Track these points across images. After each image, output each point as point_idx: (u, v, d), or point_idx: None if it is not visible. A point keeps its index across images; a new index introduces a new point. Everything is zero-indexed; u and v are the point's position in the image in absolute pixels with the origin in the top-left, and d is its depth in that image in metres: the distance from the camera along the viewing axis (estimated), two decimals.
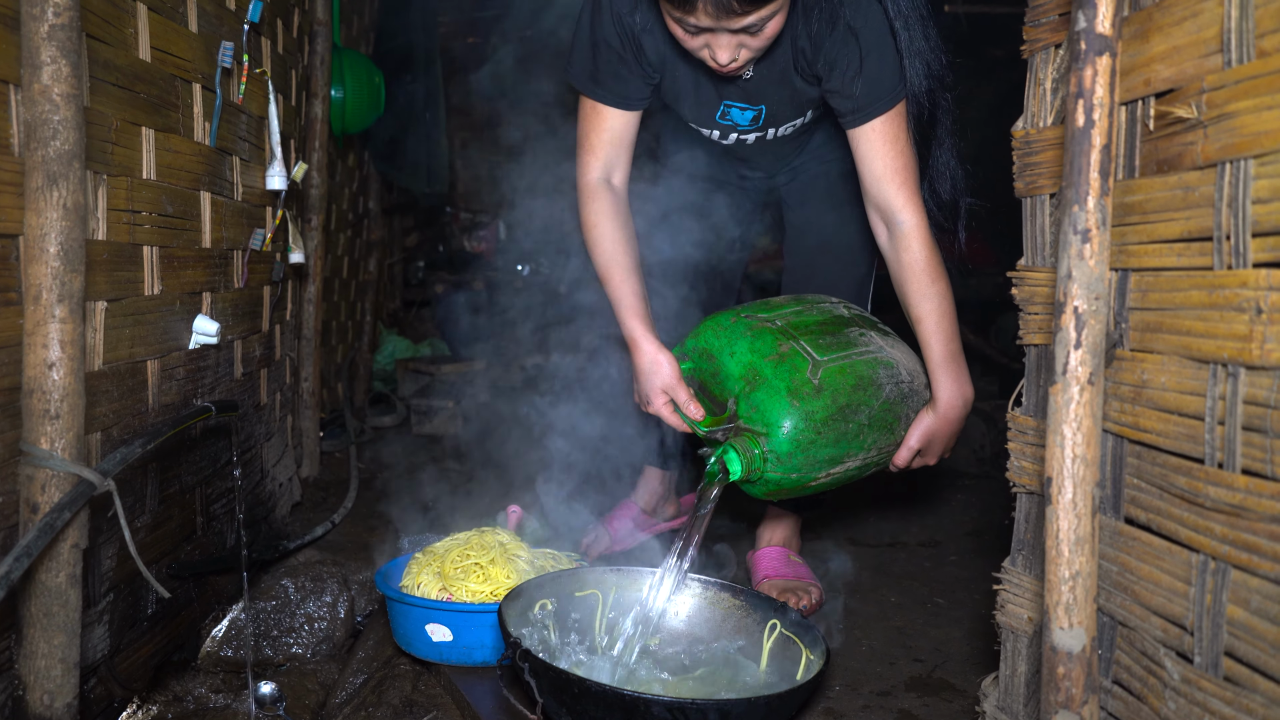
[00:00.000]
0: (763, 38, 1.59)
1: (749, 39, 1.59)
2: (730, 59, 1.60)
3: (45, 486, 1.17)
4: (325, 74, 2.87)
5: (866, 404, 1.66)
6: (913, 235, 1.72)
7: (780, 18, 1.57)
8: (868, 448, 1.68)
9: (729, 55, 1.60)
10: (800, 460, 1.61)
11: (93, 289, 1.34)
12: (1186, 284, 0.88)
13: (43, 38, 1.13)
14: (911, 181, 1.72)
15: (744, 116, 1.89)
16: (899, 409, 1.72)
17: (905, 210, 1.71)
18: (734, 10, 1.51)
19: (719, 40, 1.58)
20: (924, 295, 1.72)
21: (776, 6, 1.54)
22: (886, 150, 1.71)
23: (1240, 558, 0.81)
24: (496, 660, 1.64)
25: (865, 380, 1.68)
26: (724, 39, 1.58)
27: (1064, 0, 1.09)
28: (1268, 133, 0.78)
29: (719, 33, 1.57)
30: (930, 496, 3.00)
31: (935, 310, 1.71)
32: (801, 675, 1.48)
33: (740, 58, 1.62)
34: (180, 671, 1.68)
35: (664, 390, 1.76)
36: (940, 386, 1.70)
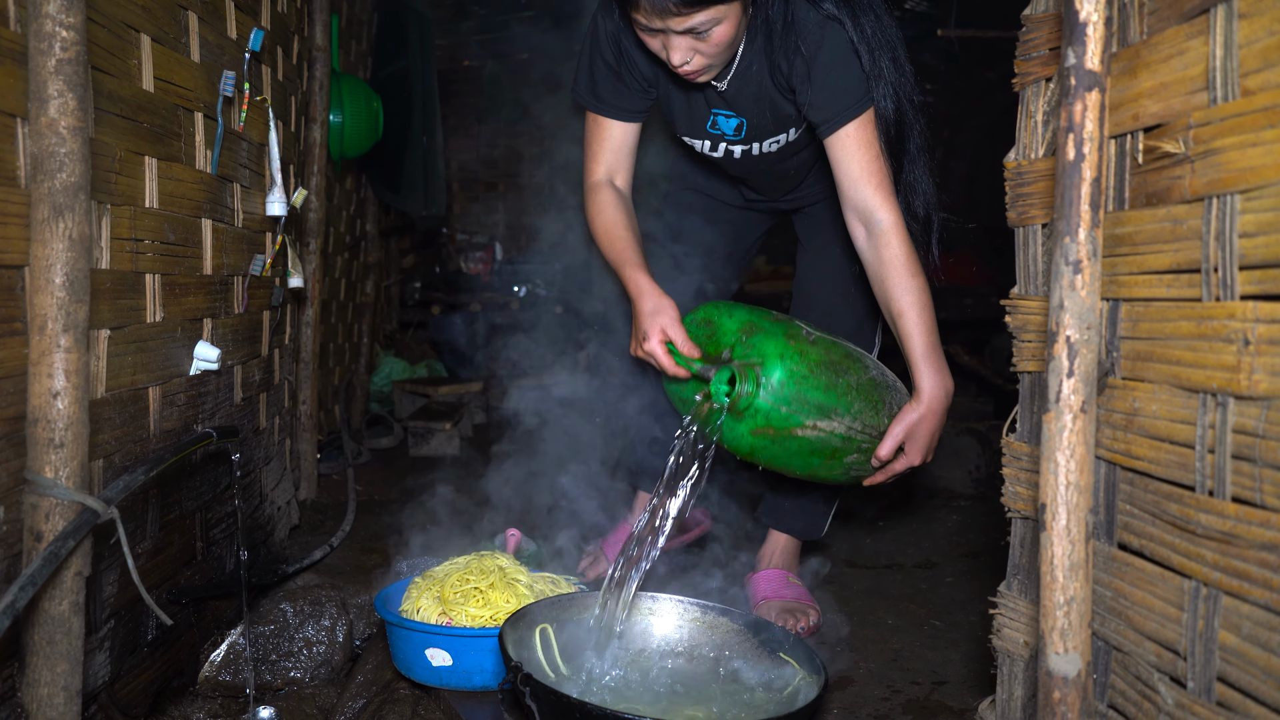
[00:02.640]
0: (712, 43, 1.67)
1: (699, 43, 1.67)
2: (682, 60, 1.69)
3: (49, 515, 1.18)
4: (324, 99, 2.89)
5: (855, 371, 1.75)
6: (891, 232, 1.77)
7: (729, 26, 1.65)
8: (855, 414, 1.73)
9: (680, 56, 1.68)
10: (791, 392, 1.67)
11: (96, 317, 1.35)
12: (1176, 315, 0.90)
13: (50, 71, 1.14)
14: (887, 183, 1.78)
15: (729, 125, 1.95)
16: (884, 394, 1.79)
17: (882, 209, 1.77)
18: (670, 11, 1.60)
19: (671, 42, 1.67)
20: (904, 289, 1.75)
21: (718, 13, 1.62)
22: (860, 154, 1.77)
23: (1231, 584, 0.82)
24: (497, 685, 1.65)
25: (854, 355, 1.79)
26: (675, 40, 1.66)
27: (1054, 36, 1.12)
28: (1253, 169, 0.80)
29: (669, 34, 1.66)
30: (926, 517, 3.01)
31: (915, 304, 1.75)
32: (799, 699, 1.49)
33: (695, 62, 1.70)
34: (179, 697, 1.69)
35: (663, 329, 1.81)
36: (922, 377, 1.74)
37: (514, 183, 6.62)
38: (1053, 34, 1.12)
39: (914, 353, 1.74)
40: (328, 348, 3.65)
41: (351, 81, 3.34)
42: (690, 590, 1.95)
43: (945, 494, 3.31)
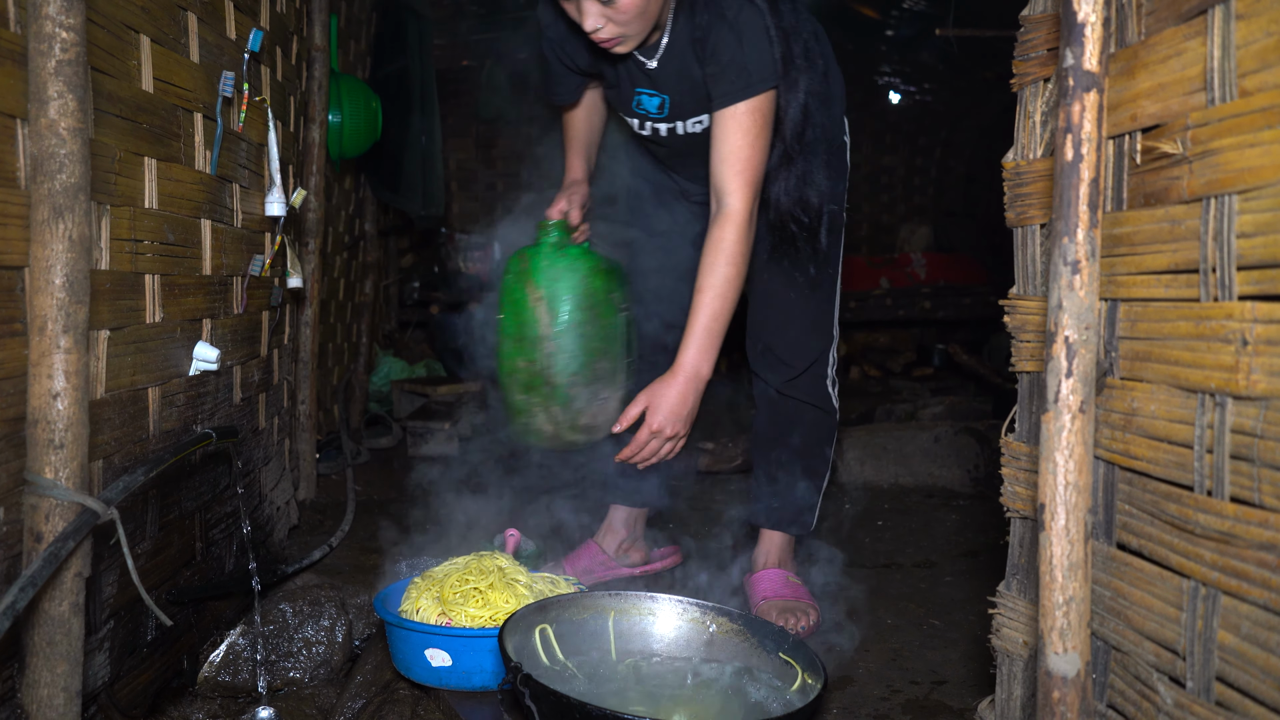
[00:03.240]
0: (619, 10, 1.74)
1: (609, 10, 1.75)
2: (594, 27, 1.77)
3: (49, 515, 1.18)
4: (323, 99, 2.89)
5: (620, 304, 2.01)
6: (730, 219, 1.83)
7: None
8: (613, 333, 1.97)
9: (592, 23, 1.77)
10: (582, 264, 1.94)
11: (96, 318, 1.35)
12: (1174, 315, 0.90)
13: (50, 73, 1.14)
14: (748, 172, 1.83)
15: (652, 103, 2.03)
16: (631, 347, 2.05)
17: (734, 195, 1.83)
18: None
19: (583, 7, 1.76)
20: (712, 271, 1.83)
21: None
22: (735, 137, 1.83)
23: (1230, 584, 0.83)
24: (496, 685, 1.65)
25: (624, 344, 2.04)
26: (587, 6, 1.75)
27: (1052, 36, 1.12)
28: (1251, 169, 0.80)
29: (579, 2, 1.75)
30: (925, 517, 3.01)
31: (714, 288, 1.83)
32: (799, 699, 1.49)
33: (607, 29, 1.78)
34: (178, 697, 1.69)
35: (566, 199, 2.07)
36: (684, 352, 1.82)
37: (513, 182, 6.63)
38: (1051, 34, 1.13)
39: (690, 328, 1.83)
40: (326, 348, 3.65)
41: (350, 81, 3.34)
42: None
43: (944, 493, 3.32)
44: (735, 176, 1.83)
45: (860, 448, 3.50)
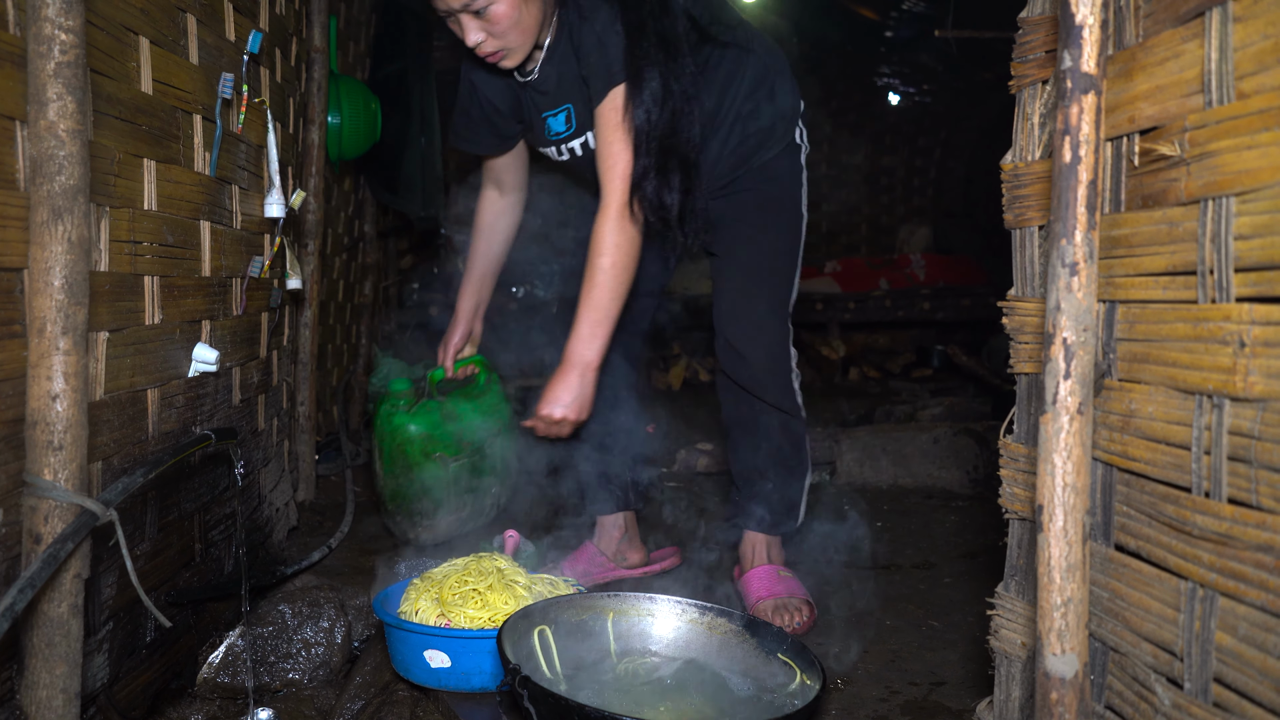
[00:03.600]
0: (494, 22, 1.84)
1: (485, 23, 1.84)
2: (475, 40, 1.87)
3: (48, 517, 1.18)
4: (322, 101, 2.89)
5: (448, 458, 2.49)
6: (603, 213, 1.89)
7: (507, 6, 1.82)
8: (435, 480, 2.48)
9: (472, 37, 1.87)
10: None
11: (95, 320, 1.35)
12: (1172, 316, 0.90)
13: (49, 75, 1.14)
14: (611, 168, 1.89)
15: (558, 122, 2.09)
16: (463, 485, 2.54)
17: (605, 189, 1.90)
18: None
19: (461, 23, 1.85)
20: (589, 263, 1.90)
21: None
22: (600, 134, 1.91)
23: (1228, 585, 0.83)
24: (495, 686, 1.65)
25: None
26: (464, 20, 1.85)
27: (1050, 38, 1.12)
28: (1248, 171, 0.80)
29: (458, 15, 1.84)
30: (924, 518, 3.01)
31: (591, 278, 1.89)
32: (797, 701, 1.49)
33: (488, 43, 1.88)
34: (177, 698, 1.69)
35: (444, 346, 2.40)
36: (568, 342, 1.91)
37: None
38: (1049, 36, 1.13)
39: (575, 320, 1.91)
40: (326, 349, 3.65)
41: (349, 83, 3.34)
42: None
43: (943, 494, 3.32)
44: (606, 171, 1.89)
45: (859, 449, 3.50)
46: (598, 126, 1.91)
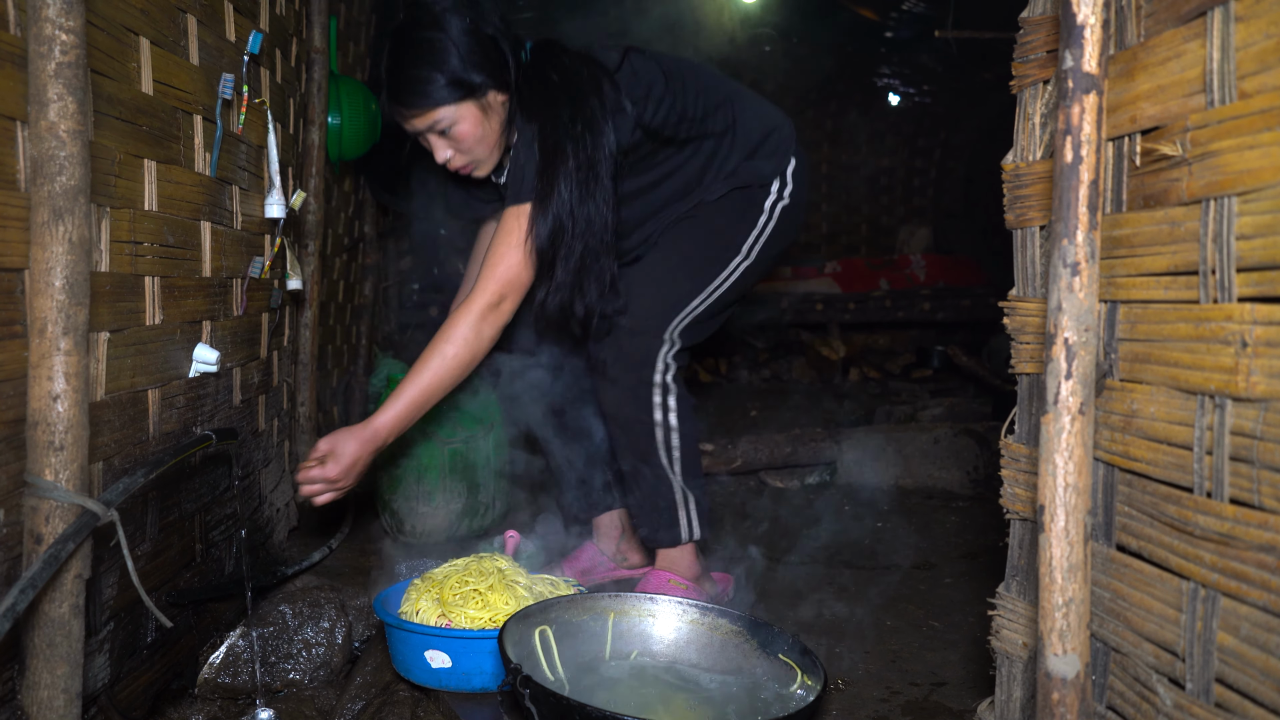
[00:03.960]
0: (459, 140, 1.95)
1: (450, 140, 1.96)
2: (444, 157, 1.99)
3: (49, 517, 1.18)
4: (322, 101, 2.89)
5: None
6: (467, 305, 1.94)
7: (470, 125, 1.94)
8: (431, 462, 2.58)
9: (440, 155, 1.99)
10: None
11: (96, 320, 1.35)
12: (1174, 316, 0.90)
13: (50, 75, 1.14)
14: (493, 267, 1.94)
15: None
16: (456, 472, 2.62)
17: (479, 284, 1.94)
18: (403, 114, 1.95)
19: (429, 141, 1.98)
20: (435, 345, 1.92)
21: (448, 113, 1.92)
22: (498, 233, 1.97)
23: (1229, 585, 0.83)
24: (496, 686, 1.65)
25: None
26: (432, 139, 1.98)
27: (1052, 38, 1.12)
28: (1250, 171, 0.80)
29: (425, 134, 1.97)
30: (925, 519, 3.01)
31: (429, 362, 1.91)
32: (798, 701, 1.49)
33: (456, 159, 2.00)
34: (178, 699, 1.69)
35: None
36: (380, 411, 1.91)
37: None
38: (1050, 36, 1.13)
39: (396, 391, 1.91)
40: (326, 349, 3.65)
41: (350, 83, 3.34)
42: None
43: (944, 495, 3.32)
44: (488, 268, 1.94)
45: (859, 449, 3.50)
46: (500, 224, 1.97)
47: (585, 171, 1.93)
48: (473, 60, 1.92)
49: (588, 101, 1.94)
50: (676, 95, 2.04)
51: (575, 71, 1.98)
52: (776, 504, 3.17)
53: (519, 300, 1.97)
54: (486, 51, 1.94)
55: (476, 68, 1.92)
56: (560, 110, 1.93)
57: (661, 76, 2.03)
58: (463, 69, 1.91)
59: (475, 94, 1.93)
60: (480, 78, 1.93)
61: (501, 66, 1.97)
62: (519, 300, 1.97)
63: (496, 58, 1.96)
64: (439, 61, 1.90)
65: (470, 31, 1.93)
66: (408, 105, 1.92)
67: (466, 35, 1.93)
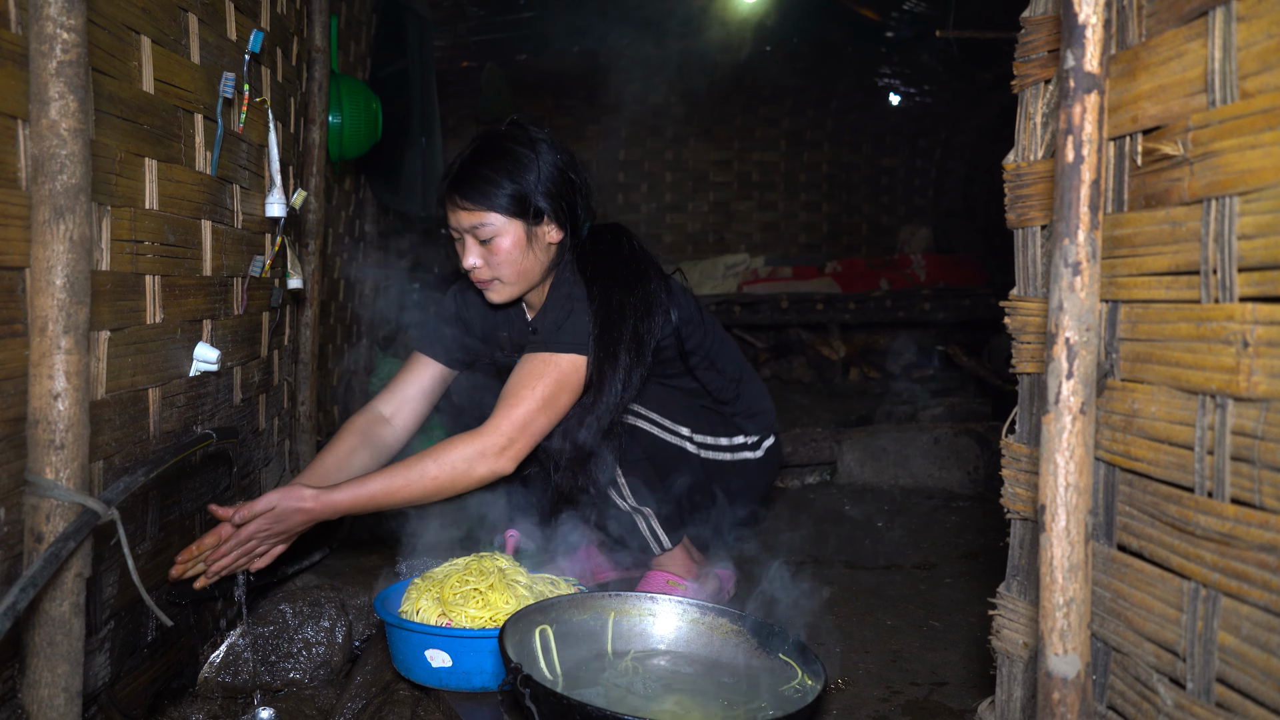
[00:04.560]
0: (495, 253, 1.95)
1: (487, 251, 1.96)
2: (472, 264, 1.98)
3: (50, 516, 1.18)
4: (323, 100, 2.89)
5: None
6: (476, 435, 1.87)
7: (509, 241, 1.94)
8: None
9: (470, 259, 1.98)
10: None
11: (97, 319, 1.35)
12: (1175, 316, 0.90)
13: (51, 73, 1.14)
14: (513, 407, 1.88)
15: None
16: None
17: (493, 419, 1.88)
18: (456, 203, 1.94)
19: (465, 243, 1.97)
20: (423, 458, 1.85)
21: (495, 221, 1.93)
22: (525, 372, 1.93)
23: (1230, 585, 0.83)
24: (497, 686, 1.65)
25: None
26: (468, 241, 1.97)
27: (1053, 38, 1.12)
28: (1252, 171, 0.80)
29: (464, 237, 1.97)
30: (925, 518, 3.01)
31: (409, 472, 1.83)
32: (798, 700, 1.49)
33: (482, 271, 1.98)
34: (179, 698, 1.69)
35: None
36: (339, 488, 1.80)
37: None
38: (1051, 36, 1.13)
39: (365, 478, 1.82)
40: (326, 348, 3.65)
41: (350, 82, 3.34)
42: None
43: (944, 495, 3.32)
44: (506, 405, 1.88)
45: (860, 449, 3.50)
46: (527, 363, 1.93)
47: (635, 344, 1.95)
48: (545, 189, 1.95)
49: (649, 282, 2.02)
50: (706, 330, 2.17)
51: (640, 254, 2.07)
52: (777, 503, 3.17)
53: (527, 451, 1.91)
54: (562, 190, 1.98)
55: (545, 196, 1.95)
56: (619, 280, 1.99)
57: (697, 308, 2.18)
58: (533, 190, 1.93)
59: (530, 218, 1.95)
60: (545, 205, 1.96)
61: (571, 213, 2.01)
62: (527, 451, 1.91)
63: (569, 200, 2.00)
64: (515, 172, 1.93)
65: (557, 166, 1.97)
66: (464, 196, 1.93)
67: (552, 167, 1.96)
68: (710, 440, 2.15)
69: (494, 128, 2.02)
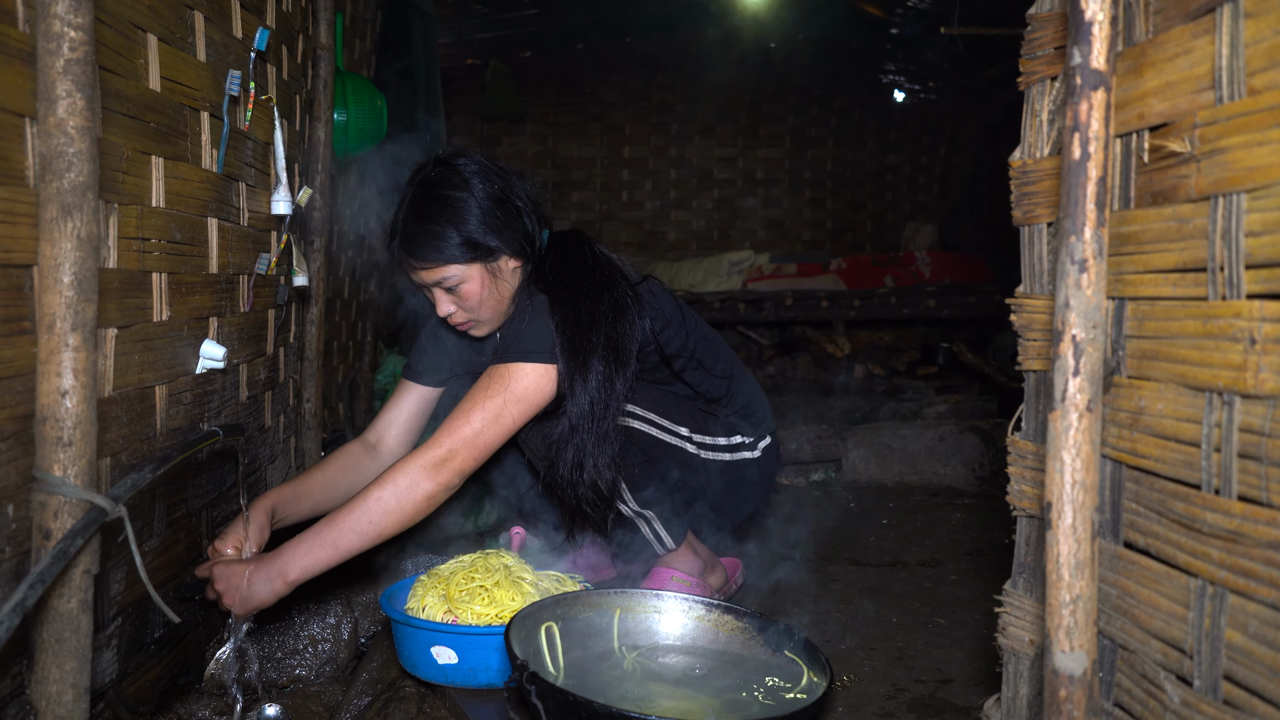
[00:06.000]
0: (464, 299, 1.95)
1: (455, 297, 1.96)
2: (447, 312, 1.98)
3: (57, 513, 1.18)
4: (328, 98, 2.89)
5: None
6: (417, 453, 1.80)
7: (475, 285, 1.94)
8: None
9: (444, 309, 1.98)
10: None
11: (104, 316, 1.35)
12: (1182, 313, 0.90)
13: (58, 72, 1.15)
14: (460, 421, 1.83)
15: None
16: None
17: (437, 435, 1.83)
18: (412, 265, 1.94)
19: (434, 295, 1.98)
20: (369, 489, 1.76)
21: (456, 271, 1.92)
22: (479, 389, 1.88)
23: (1237, 583, 0.83)
24: (503, 682, 1.65)
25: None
26: (437, 294, 1.97)
27: (1059, 34, 1.12)
28: (1259, 168, 0.80)
29: (432, 288, 1.97)
30: (930, 516, 3.01)
31: (357, 504, 1.74)
32: (805, 697, 1.49)
33: (458, 315, 1.99)
34: (185, 694, 1.69)
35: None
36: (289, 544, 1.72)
37: None
38: (1058, 33, 1.13)
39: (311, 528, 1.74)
40: (332, 346, 3.65)
41: (356, 80, 3.34)
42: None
43: (949, 492, 3.32)
44: (454, 420, 1.83)
45: (865, 446, 3.50)
46: (483, 377, 1.89)
47: (611, 349, 1.92)
48: (491, 224, 1.94)
49: (615, 288, 1.99)
50: (689, 330, 2.13)
51: (603, 260, 2.05)
52: (782, 501, 3.17)
53: (473, 465, 1.83)
54: (508, 218, 1.97)
55: (492, 231, 1.94)
56: (584, 288, 1.96)
57: (676, 308, 2.13)
58: (479, 231, 1.92)
59: (486, 257, 1.95)
60: (495, 242, 1.95)
61: (523, 236, 2.00)
62: (473, 465, 1.83)
63: (517, 227, 1.99)
64: (457, 220, 1.92)
65: (494, 197, 1.95)
66: (417, 257, 1.92)
67: (489, 200, 1.95)
68: (709, 440, 2.14)
69: (424, 172, 1.99)
